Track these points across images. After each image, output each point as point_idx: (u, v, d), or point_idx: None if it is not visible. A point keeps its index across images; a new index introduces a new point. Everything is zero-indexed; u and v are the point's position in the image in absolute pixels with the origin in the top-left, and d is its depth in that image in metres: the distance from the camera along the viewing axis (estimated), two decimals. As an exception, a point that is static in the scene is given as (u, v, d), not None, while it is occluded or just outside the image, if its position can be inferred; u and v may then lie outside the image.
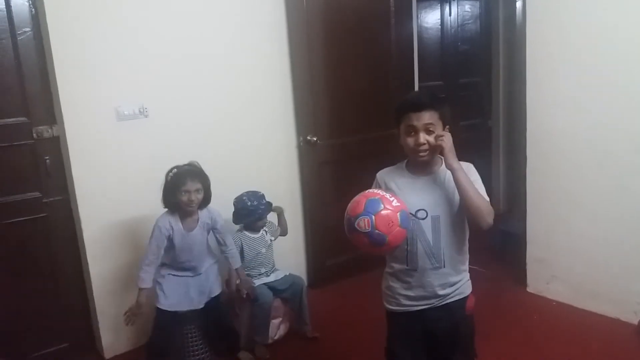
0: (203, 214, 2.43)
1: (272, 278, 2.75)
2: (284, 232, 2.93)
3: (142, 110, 2.69)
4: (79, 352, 2.71)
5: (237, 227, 2.79)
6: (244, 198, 2.70)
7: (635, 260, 2.70)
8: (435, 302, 1.72)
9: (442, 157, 1.65)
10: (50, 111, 2.52)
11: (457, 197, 1.64)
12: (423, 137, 1.63)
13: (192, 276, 2.45)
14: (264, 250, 2.76)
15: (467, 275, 1.78)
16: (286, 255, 2.99)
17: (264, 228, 2.80)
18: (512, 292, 3.20)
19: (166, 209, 2.40)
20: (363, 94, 3.46)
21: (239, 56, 3.00)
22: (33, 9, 2.42)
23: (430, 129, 1.63)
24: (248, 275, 2.70)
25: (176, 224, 2.36)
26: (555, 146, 2.94)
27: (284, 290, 2.73)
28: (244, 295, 2.58)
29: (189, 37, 2.81)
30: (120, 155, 2.65)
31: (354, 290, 3.34)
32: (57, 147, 2.56)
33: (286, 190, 3.27)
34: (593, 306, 2.89)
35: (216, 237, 2.54)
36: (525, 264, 3.18)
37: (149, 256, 2.35)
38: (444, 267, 1.69)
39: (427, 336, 1.75)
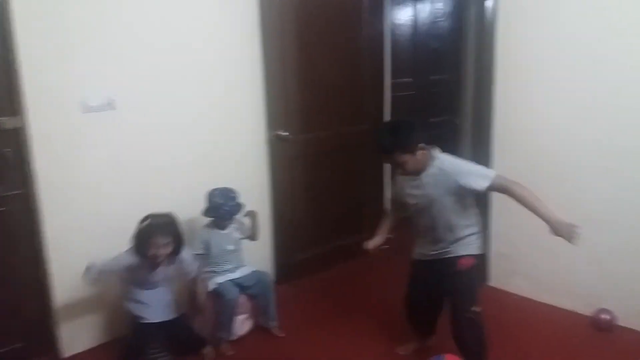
0: (168, 269, 2.45)
1: (238, 274, 2.75)
2: (253, 237, 2.88)
3: (109, 102, 2.65)
4: (35, 351, 2.61)
5: (207, 221, 2.78)
6: (215, 193, 2.69)
7: (589, 256, 2.80)
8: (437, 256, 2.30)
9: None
10: (12, 101, 2.43)
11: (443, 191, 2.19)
12: (398, 168, 2.26)
13: (152, 289, 2.49)
14: (231, 247, 2.75)
15: (462, 241, 2.26)
16: (253, 251, 2.99)
17: (233, 225, 2.78)
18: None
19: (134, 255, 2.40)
20: (335, 89, 3.48)
21: (209, 49, 2.97)
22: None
23: (401, 164, 2.19)
24: (213, 271, 2.71)
25: (144, 267, 2.40)
26: (519, 145, 3.01)
27: (250, 287, 2.74)
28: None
29: (158, 29, 2.77)
30: (86, 148, 2.60)
31: (321, 287, 3.38)
32: (19, 138, 2.47)
33: (255, 185, 3.26)
34: (551, 299, 3.00)
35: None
36: (488, 258, 3.26)
37: (108, 263, 2.39)
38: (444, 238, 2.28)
39: (433, 279, 2.32)
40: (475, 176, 2.14)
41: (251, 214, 2.86)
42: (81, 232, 2.63)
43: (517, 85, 2.98)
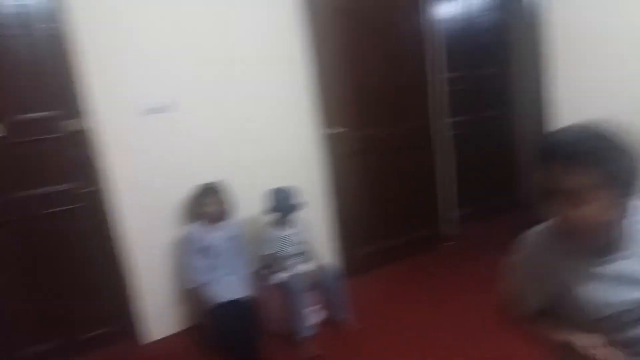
0: (225, 223, 2.75)
1: (304, 268, 2.76)
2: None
3: (169, 104, 2.72)
4: (120, 336, 2.77)
5: (268, 220, 2.81)
6: (274, 190, 2.73)
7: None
8: None
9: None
10: (80, 105, 2.54)
11: None
12: (554, 207, 1.09)
13: (222, 276, 2.65)
14: (292, 248, 2.78)
15: None
16: (318, 245, 3.00)
17: (295, 227, 2.80)
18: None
19: (192, 220, 2.75)
20: (389, 85, 3.45)
21: (262, 49, 3.01)
22: (58, 4, 2.43)
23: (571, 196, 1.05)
24: (279, 267, 2.74)
25: (201, 230, 2.69)
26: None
27: (318, 281, 2.75)
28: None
29: (211, 31, 2.83)
30: (149, 147, 2.69)
31: (390, 279, 3.37)
32: (88, 140, 2.59)
33: (313, 181, 3.28)
34: None
35: (233, 244, 2.74)
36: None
37: (188, 259, 2.67)
38: None
39: None
40: None
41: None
42: (151, 224, 2.73)
43: (574, 76, 2.89)
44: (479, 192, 4.34)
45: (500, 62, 4.47)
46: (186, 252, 2.67)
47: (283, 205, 2.71)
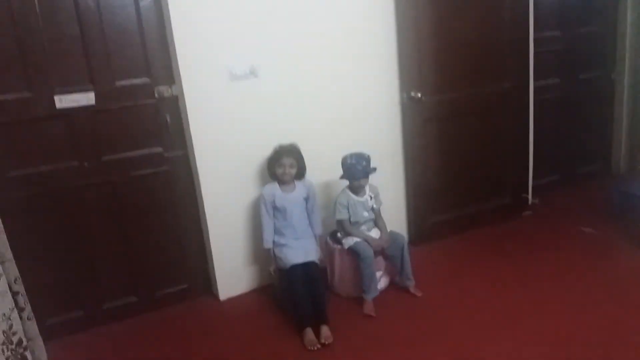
0: (299, 184, 2.84)
1: (373, 234, 2.81)
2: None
3: (252, 70, 2.79)
4: (196, 293, 3.00)
5: (343, 186, 2.86)
6: (348, 154, 2.77)
7: None
8: None
9: None
10: (169, 72, 2.69)
11: None
12: None
13: (295, 239, 2.78)
14: (366, 214, 2.82)
15: None
16: (387, 212, 3.01)
17: (369, 193, 2.83)
18: (626, 254, 3.04)
19: (269, 182, 2.84)
20: (472, 47, 3.30)
21: (342, 11, 2.98)
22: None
23: None
24: (351, 230, 2.80)
25: (277, 190, 2.80)
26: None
27: (386, 247, 2.79)
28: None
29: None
30: (233, 113, 2.79)
31: (457, 250, 3.33)
32: (176, 105, 2.74)
33: (388, 147, 3.27)
34: None
35: (306, 205, 2.84)
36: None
37: (264, 220, 2.81)
38: None
39: None
40: None
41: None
42: (231, 188, 2.87)
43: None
44: (567, 158, 4.14)
45: (599, 22, 4.09)
46: (262, 213, 2.80)
47: (358, 170, 2.74)
